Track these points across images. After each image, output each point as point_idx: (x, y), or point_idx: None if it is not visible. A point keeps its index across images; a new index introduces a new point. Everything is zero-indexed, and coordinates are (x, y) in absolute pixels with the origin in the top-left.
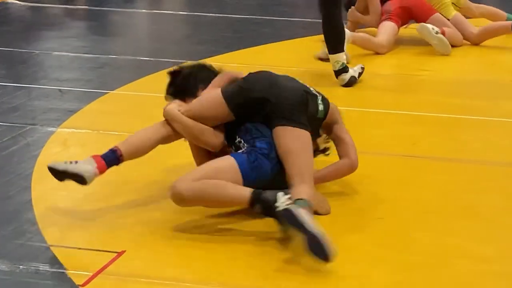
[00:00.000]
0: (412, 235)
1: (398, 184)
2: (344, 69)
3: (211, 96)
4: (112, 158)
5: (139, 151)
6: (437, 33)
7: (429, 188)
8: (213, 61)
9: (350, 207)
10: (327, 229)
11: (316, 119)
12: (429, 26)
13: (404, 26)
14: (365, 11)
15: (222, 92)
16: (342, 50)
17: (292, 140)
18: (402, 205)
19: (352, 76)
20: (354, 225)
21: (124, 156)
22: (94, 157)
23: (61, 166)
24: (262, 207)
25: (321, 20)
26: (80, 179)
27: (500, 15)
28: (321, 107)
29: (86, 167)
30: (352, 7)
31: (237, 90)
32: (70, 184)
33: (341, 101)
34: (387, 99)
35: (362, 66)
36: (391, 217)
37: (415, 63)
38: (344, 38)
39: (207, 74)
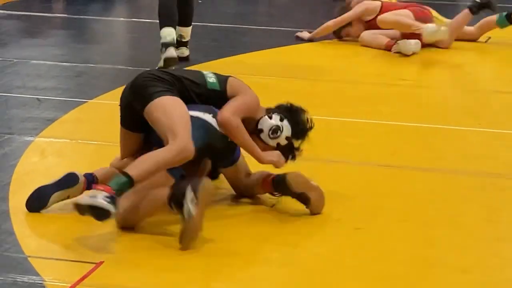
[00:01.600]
0: (391, 245)
1: (376, 194)
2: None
3: None
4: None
5: None
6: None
7: (408, 197)
8: None
9: (327, 217)
10: (304, 240)
11: (209, 90)
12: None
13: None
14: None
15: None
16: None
17: (156, 110)
18: (380, 215)
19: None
20: (331, 235)
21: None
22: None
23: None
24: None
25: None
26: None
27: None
28: (211, 79)
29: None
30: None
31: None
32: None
33: (319, 111)
34: (365, 108)
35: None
36: (369, 227)
37: (394, 72)
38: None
39: None
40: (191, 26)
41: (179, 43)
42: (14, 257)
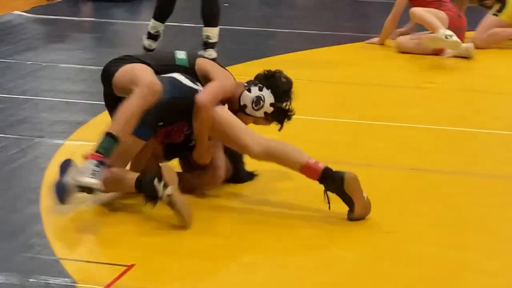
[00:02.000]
0: (422, 250)
1: (407, 197)
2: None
3: None
4: None
5: None
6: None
7: (437, 201)
8: None
9: (357, 220)
10: (334, 243)
11: (177, 65)
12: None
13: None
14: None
15: None
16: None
17: (119, 76)
18: (410, 219)
19: None
20: (361, 239)
21: None
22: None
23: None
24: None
25: (323, 32)
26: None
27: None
28: (181, 56)
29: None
30: None
31: None
32: (78, 196)
33: (347, 114)
34: (393, 111)
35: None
36: (399, 231)
37: (423, 76)
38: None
39: None
40: (218, 28)
41: (206, 45)
42: (46, 259)
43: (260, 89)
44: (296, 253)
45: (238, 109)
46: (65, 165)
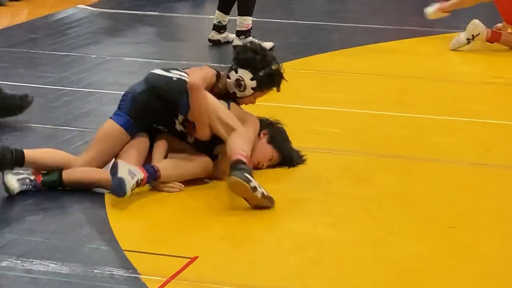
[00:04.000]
0: (486, 245)
1: (470, 192)
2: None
3: None
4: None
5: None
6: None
7: (502, 196)
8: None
9: (420, 215)
10: (397, 238)
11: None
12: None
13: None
14: None
15: None
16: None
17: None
18: (474, 214)
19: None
20: (425, 233)
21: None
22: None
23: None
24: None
25: (387, 27)
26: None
27: None
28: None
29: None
30: None
31: None
32: (143, 190)
33: (411, 109)
34: (458, 106)
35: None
36: (463, 226)
37: (489, 70)
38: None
39: None
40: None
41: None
42: (110, 250)
43: (236, 71)
44: (358, 246)
45: (232, 98)
46: (114, 167)
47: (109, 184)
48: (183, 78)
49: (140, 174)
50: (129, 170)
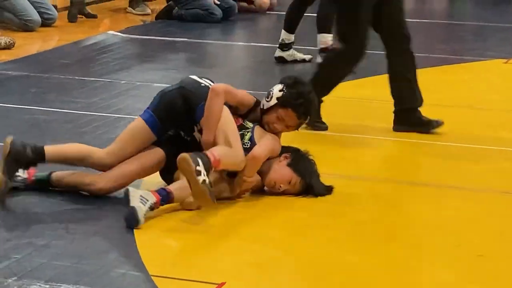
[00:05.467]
0: None
1: (499, 220)
2: None
3: None
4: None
5: None
6: None
7: None
8: None
9: (449, 242)
10: (425, 266)
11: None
12: None
13: None
14: None
15: None
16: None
17: None
18: (502, 242)
19: None
20: (452, 261)
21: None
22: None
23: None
24: None
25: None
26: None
27: None
28: None
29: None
30: None
31: None
32: (171, 214)
33: (440, 136)
34: (487, 134)
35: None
36: (492, 254)
37: None
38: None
39: None
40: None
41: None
42: (138, 276)
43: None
44: (387, 273)
45: (260, 115)
46: (126, 195)
47: (96, 188)
48: (210, 85)
49: (153, 198)
50: (141, 197)
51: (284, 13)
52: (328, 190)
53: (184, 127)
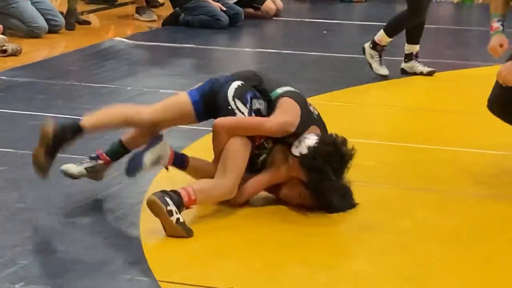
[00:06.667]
0: None
1: (508, 226)
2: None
3: None
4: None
5: None
6: None
7: None
8: (317, 100)
9: (457, 248)
10: (431, 272)
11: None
12: None
13: None
14: None
15: None
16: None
17: None
18: (511, 248)
19: None
20: (461, 267)
21: None
22: None
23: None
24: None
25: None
26: None
27: None
28: (279, 90)
29: None
30: None
31: None
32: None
33: (447, 141)
34: (495, 139)
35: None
36: (499, 260)
37: None
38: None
39: None
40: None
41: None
42: (145, 281)
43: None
44: (395, 281)
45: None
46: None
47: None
48: (230, 108)
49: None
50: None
51: (290, 19)
52: (350, 205)
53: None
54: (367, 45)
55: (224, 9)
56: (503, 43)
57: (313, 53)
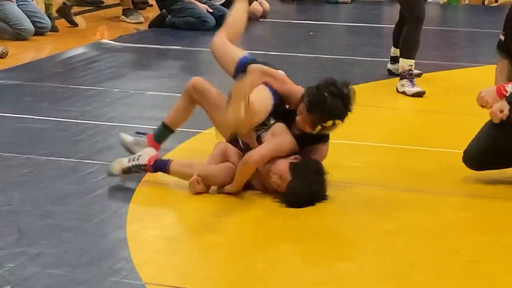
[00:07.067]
0: (506, 279)
1: (492, 226)
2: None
3: None
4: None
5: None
6: None
7: None
8: None
9: (442, 249)
10: (416, 270)
11: None
12: None
13: None
14: None
15: None
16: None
17: None
18: (495, 248)
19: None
20: (446, 267)
21: None
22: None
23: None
24: None
25: None
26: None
27: None
28: None
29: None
30: None
31: None
32: (164, 221)
33: (433, 142)
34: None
35: None
36: (483, 260)
37: None
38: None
39: None
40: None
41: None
42: (132, 284)
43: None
44: (380, 281)
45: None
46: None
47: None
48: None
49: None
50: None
51: (277, 20)
52: (318, 198)
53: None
54: (398, 84)
55: (211, 10)
56: (504, 110)
57: (300, 54)
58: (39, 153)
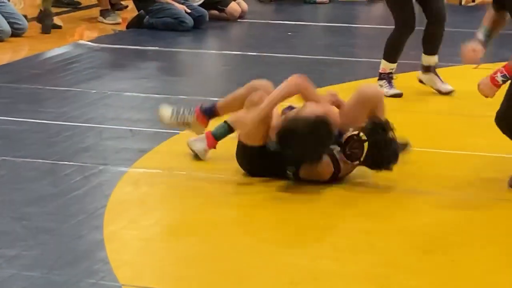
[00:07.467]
0: (488, 278)
1: (473, 225)
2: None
3: None
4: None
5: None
6: None
7: (506, 229)
8: (284, 102)
9: (422, 248)
10: (396, 269)
11: None
12: None
13: None
14: None
15: None
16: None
17: None
18: (476, 247)
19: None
20: (425, 266)
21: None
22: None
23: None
24: None
25: None
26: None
27: None
28: None
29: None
30: None
31: None
32: (141, 223)
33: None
34: (462, 140)
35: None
36: (464, 259)
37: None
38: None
39: None
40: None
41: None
42: (109, 285)
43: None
44: (360, 280)
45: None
46: None
47: None
48: None
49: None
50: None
51: (255, 20)
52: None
53: None
54: (376, 84)
55: (189, 11)
56: (476, 49)
57: (278, 54)
58: (15, 155)
